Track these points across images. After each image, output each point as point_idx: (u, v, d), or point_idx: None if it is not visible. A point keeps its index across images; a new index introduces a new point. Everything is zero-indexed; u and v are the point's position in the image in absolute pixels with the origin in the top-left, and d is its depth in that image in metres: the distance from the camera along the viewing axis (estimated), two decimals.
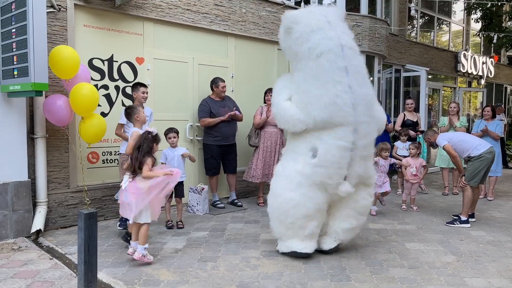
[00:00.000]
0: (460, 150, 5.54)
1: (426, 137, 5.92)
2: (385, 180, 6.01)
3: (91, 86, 4.56)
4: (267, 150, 6.22)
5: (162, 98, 5.93)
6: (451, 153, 5.50)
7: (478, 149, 5.44)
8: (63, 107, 4.50)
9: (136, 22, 5.62)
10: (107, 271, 3.72)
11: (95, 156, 5.28)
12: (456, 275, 3.74)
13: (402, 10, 10.62)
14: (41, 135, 4.74)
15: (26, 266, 3.80)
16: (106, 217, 5.35)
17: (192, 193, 5.85)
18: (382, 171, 5.98)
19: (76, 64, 4.45)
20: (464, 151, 5.53)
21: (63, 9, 4.89)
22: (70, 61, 4.38)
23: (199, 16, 6.21)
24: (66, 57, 4.36)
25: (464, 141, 5.56)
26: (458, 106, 7.73)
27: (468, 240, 4.80)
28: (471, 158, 5.50)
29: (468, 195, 5.46)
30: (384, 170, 6.02)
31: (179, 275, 3.66)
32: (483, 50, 15.25)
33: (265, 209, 6.06)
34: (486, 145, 5.52)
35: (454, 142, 5.55)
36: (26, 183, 4.67)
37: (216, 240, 4.64)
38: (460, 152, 5.54)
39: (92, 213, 3.01)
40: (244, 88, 6.94)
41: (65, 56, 4.35)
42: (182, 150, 5.19)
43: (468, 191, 5.47)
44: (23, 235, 4.61)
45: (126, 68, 5.56)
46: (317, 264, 3.96)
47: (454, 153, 5.49)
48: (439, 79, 12.43)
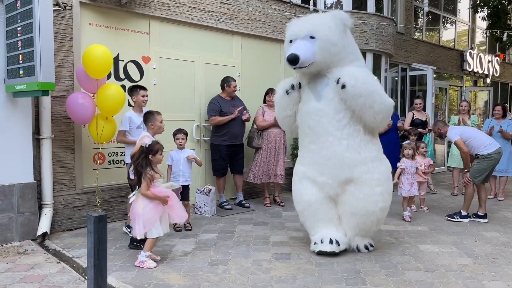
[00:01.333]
0: (470, 147, 5.49)
1: (436, 128, 5.80)
2: (412, 182, 5.71)
3: (118, 87, 4.60)
4: (271, 152, 6.14)
5: (168, 97, 5.84)
6: (462, 148, 5.42)
7: (487, 148, 5.41)
8: (86, 105, 4.45)
9: (142, 21, 5.53)
10: (116, 275, 3.63)
11: (101, 157, 5.19)
12: (474, 278, 3.64)
13: (408, 8, 10.52)
14: (46, 136, 4.65)
15: (33, 270, 3.71)
16: (113, 219, 5.26)
17: (200, 194, 5.75)
18: (408, 172, 5.70)
19: (109, 64, 4.52)
20: (474, 148, 5.48)
21: (68, 7, 4.80)
22: (104, 60, 4.42)
23: (206, 14, 6.12)
24: (99, 56, 4.37)
25: (475, 138, 5.50)
26: (469, 105, 7.63)
27: (482, 241, 4.70)
28: (479, 156, 5.47)
29: (470, 192, 5.53)
30: (411, 171, 5.71)
31: (190, 279, 3.57)
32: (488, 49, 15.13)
33: (273, 211, 6.05)
34: (496, 145, 5.47)
35: (466, 137, 5.48)
36: (32, 185, 4.58)
37: (226, 243, 4.54)
38: (470, 148, 5.50)
39: (102, 216, 2.92)
40: (251, 88, 6.85)
41: (98, 56, 4.36)
42: (189, 152, 5.10)
43: (470, 188, 5.52)
44: (29, 238, 4.52)
45: (132, 67, 5.47)
46: (331, 267, 3.87)
47: (466, 148, 5.42)
48: (445, 78, 12.32)
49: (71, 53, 4.84)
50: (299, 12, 7.33)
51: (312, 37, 3.81)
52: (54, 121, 4.75)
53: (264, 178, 6.17)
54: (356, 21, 7.54)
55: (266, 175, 6.16)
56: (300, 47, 3.80)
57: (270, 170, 6.16)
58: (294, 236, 4.79)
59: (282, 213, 5.88)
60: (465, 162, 5.63)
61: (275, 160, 6.16)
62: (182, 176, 4.95)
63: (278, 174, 6.20)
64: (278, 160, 6.17)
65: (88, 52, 4.38)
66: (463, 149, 5.42)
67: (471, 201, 5.54)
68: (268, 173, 6.16)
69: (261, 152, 6.15)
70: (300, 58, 3.75)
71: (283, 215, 5.80)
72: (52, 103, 4.71)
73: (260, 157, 6.15)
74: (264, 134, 6.15)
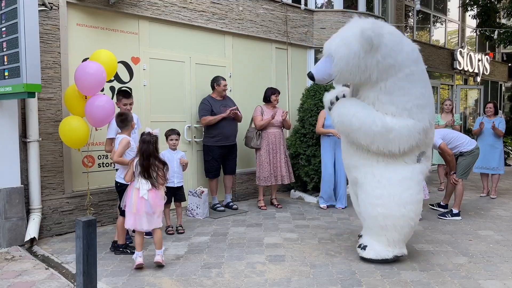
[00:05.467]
0: (454, 146, 5.65)
1: None
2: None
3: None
4: (272, 152, 6.07)
5: (158, 99, 5.75)
6: (447, 151, 5.52)
7: (469, 145, 5.68)
8: (106, 107, 4.34)
9: (131, 21, 5.44)
10: (106, 280, 3.54)
11: (90, 160, 5.09)
12: (470, 277, 3.61)
13: (399, 7, 10.54)
14: (34, 139, 4.54)
15: (21, 277, 3.60)
16: (103, 223, 5.16)
17: (192, 196, 5.67)
18: None
19: (114, 68, 4.64)
20: (458, 147, 5.67)
21: (55, 7, 4.70)
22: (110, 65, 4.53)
23: (196, 14, 6.04)
24: (106, 61, 4.46)
25: (456, 137, 5.71)
26: (452, 104, 7.69)
27: (477, 240, 4.68)
28: (464, 153, 5.67)
29: (461, 189, 5.66)
30: None
31: (182, 283, 3.49)
32: (478, 47, 15.24)
33: (266, 212, 5.99)
34: (474, 141, 5.78)
35: (449, 139, 5.64)
36: (19, 189, 4.47)
37: (219, 245, 4.47)
38: (453, 148, 5.65)
39: (91, 220, 2.82)
40: (242, 88, 6.79)
41: (105, 60, 4.46)
42: (181, 154, 5.04)
43: (461, 185, 5.65)
44: (16, 243, 4.40)
45: (122, 68, 5.37)
46: (326, 268, 3.81)
47: (450, 151, 5.57)
48: (435, 77, 12.37)
49: (58, 54, 4.74)
50: (290, 11, 7.29)
51: (331, 56, 3.69)
52: (42, 124, 4.64)
53: (272, 180, 6.08)
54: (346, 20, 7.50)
55: (273, 177, 6.08)
56: (318, 66, 3.84)
57: (276, 171, 6.09)
58: (288, 238, 4.73)
59: (276, 214, 5.82)
60: (451, 165, 5.69)
61: (277, 160, 6.09)
62: (176, 177, 4.89)
63: (283, 175, 6.13)
64: (280, 160, 6.11)
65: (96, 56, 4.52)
66: (448, 152, 5.50)
67: (461, 198, 5.67)
68: (275, 175, 6.08)
69: (261, 153, 6.07)
70: (315, 77, 3.81)
71: (277, 216, 5.74)
72: (39, 105, 4.61)
73: (262, 158, 6.04)
74: (264, 134, 6.08)
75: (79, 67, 4.36)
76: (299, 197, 6.88)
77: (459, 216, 5.57)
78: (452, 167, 5.68)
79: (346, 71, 3.64)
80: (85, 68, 4.28)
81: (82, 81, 4.26)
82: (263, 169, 6.06)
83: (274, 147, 6.07)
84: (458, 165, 5.68)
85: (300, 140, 6.75)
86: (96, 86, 4.31)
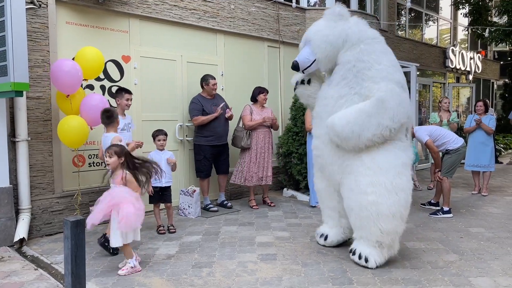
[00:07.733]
0: (441, 144, 5.68)
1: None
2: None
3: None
4: (260, 152, 6.03)
5: (150, 97, 5.71)
6: (433, 148, 5.59)
7: (456, 143, 5.67)
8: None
9: (121, 19, 5.40)
10: (96, 280, 3.52)
11: (81, 159, 5.04)
12: (460, 274, 3.62)
13: (391, 5, 10.55)
14: (23, 138, 4.49)
15: (10, 278, 3.56)
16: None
17: (183, 195, 5.64)
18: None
19: (100, 65, 4.64)
20: (444, 145, 5.69)
21: (43, 5, 4.65)
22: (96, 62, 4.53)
23: (187, 12, 6.01)
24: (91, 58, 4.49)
25: (443, 135, 5.72)
26: (449, 102, 7.74)
27: (467, 237, 4.70)
28: (449, 151, 5.68)
29: (447, 186, 5.69)
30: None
31: (173, 283, 3.47)
32: (470, 46, 15.32)
33: (259, 211, 5.97)
34: (461, 139, 5.77)
35: (435, 136, 5.68)
36: (8, 190, 4.42)
37: (210, 244, 4.45)
38: (440, 146, 5.68)
39: (79, 220, 2.79)
40: (235, 86, 6.76)
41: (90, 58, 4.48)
42: (168, 154, 5.01)
43: (446, 183, 5.69)
44: (5, 244, 4.35)
45: (112, 67, 5.33)
46: (317, 267, 3.81)
47: (436, 149, 5.63)
48: (428, 75, 12.42)
49: (47, 53, 4.69)
50: (282, 9, 7.28)
51: (309, 41, 4.07)
52: (31, 123, 4.60)
53: (255, 180, 6.00)
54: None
55: (256, 177, 6.00)
56: (300, 54, 4.14)
57: (259, 171, 6.01)
58: (280, 236, 4.73)
59: (268, 213, 5.81)
60: (437, 163, 5.75)
61: (265, 161, 6.05)
62: (164, 177, 4.85)
63: (268, 176, 6.10)
64: (267, 160, 6.08)
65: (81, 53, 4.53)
66: (433, 149, 5.56)
67: (449, 195, 5.71)
68: (258, 175, 6.00)
69: (249, 153, 6.00)
70: (299, 63, 4.08)
71: (269, 215, 5.73)
72: (28, 104, 4.56)
73: (249, 158, 5.98)
74: (253, 134, 6.03)
75: (52, 67, 4.40)
76: (291, 196, 6.87)
77: (451, 213, 5.60)
78: (438, 165, 5.74)
79: (323, 47, 3.90)
80: (60, 66, 4.32)
81: (58, 80, 4.33)
82: (244, 168, 6.00)
83: (263, 147, 6.05)
84: (444, 163, 5.71)
85: (292, 138, 6.75)
86: (73, 84, 4.36)
